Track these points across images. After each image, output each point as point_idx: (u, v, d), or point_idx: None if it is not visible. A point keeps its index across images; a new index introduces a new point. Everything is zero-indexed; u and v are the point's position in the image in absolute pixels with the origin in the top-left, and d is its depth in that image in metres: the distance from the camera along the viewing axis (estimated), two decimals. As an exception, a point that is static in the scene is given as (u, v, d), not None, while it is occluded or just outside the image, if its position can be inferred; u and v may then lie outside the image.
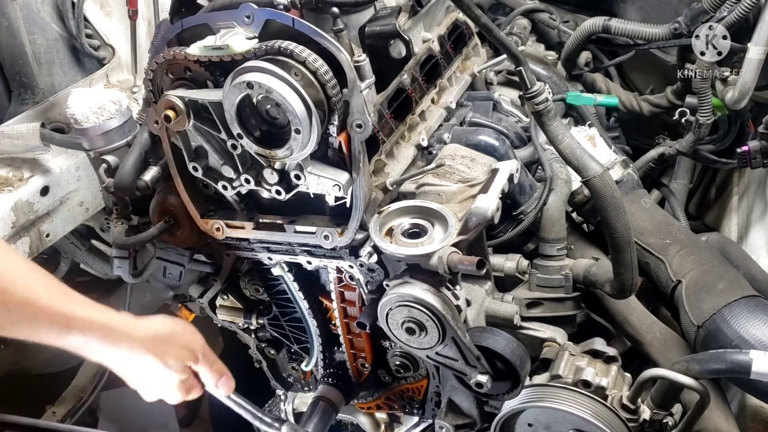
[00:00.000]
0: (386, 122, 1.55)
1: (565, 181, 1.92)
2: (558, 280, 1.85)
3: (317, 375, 1.91)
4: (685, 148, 2.20)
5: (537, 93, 1.49)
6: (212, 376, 1.52)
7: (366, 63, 1.33)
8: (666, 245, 1.89)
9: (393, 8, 1.58)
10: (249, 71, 1.31)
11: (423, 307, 1.36)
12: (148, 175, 1.60)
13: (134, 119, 1.75)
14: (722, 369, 1.46)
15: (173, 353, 1.42)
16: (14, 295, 1.21)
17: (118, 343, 1.35)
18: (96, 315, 1.33)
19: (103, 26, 2.25)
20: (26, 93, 1.97)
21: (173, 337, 1.44)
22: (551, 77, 2.31)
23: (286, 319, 1.85)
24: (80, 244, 2.40)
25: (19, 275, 1.25)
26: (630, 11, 2.52)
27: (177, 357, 1.43)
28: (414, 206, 1.44)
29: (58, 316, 1.27)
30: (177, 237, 1.71)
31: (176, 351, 1.43)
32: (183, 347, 1.45)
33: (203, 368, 1.50)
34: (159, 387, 1.45)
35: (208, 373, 1.51)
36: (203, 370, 1.50)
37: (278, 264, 1.67)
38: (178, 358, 1.43)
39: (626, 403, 1.55)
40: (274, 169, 1.45)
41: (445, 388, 1.66)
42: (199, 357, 1.48)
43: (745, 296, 1.67)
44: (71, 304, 1.30)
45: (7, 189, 1.83)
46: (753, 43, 1.92)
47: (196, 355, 1.47)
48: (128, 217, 1.77)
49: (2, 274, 1.21)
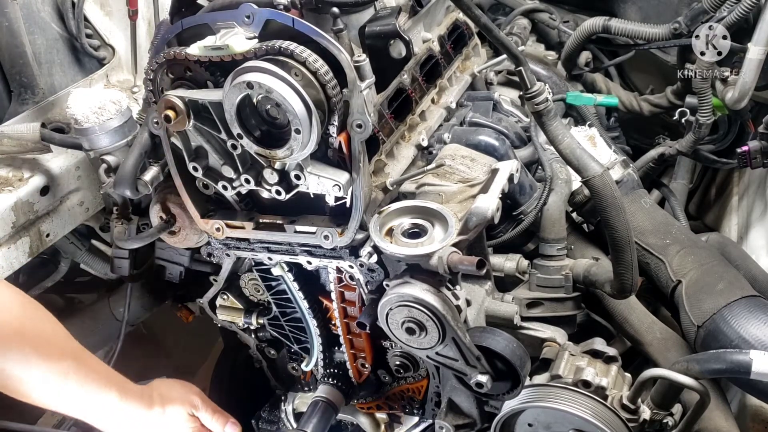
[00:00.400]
0: (386, 122, 1.55)
1: (565, 181, 1.92)
2: (558, 280, 1.85)
3: (317, 375, 1.91)
4: (685, 148, 2.20)
5: (537, 93, 1.49)
6: (217, 421, 1.68)
7: (366, 63, 1.33)
8: (666, 245, 1.89)
9: (393, 8, 1.58)
10: (249, 71, 1.31)
11: (423, 307, 1.36)
12: (148, 175, 1.60)
13: (134, 119, 1.75)
14: (722, 369, 1.46)
15: (174, 403, 1.60)
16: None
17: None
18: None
19: (103, 26, 2.25)
20: (26, 93, 1.97)
21: (170, 390, 1.62)
22: (551, 77, 2.31)
23: (286, 319, 1.85)
24: (80, 244, 2.40)
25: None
26: (630, 11, 2.52)
27: (179, 407, 1.60)
28: (414, 206, 1.44)
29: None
30: (177, 237, 1.71)
31: (176, 401, 1.61)
32: (182, 398, 1.62)
33: (205, 414, 1.66)
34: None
35: (211, 418, 1.67)
36: (206, 416, 1.66)
37: (278, 264, 1.67)
38: (180, 408, 1.61)
39: (626, 403, 1.55)
40: (274, 169, 1.44)
41: (445, 388, 1.66)
42: (200, 405, 1.64)
43: (745, 296, 1.67)
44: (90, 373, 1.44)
45: (7, 189, 1.83)
46: (753, 43, 1.93)
47: (196, 403, 1.64)
48: (128, 217, 1.77)
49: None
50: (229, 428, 1.70)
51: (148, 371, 2.88)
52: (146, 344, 3.06)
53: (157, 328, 3.07)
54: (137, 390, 1.56)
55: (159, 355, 3.12)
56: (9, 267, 1.85)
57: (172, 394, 1.64)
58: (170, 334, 3.07)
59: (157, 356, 3.09)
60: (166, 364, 3.03)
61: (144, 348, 3.03)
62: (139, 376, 2.79)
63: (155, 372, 2.89)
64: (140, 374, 2.79)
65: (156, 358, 3.08)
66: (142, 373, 2.81)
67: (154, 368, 2.94)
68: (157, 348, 3.13)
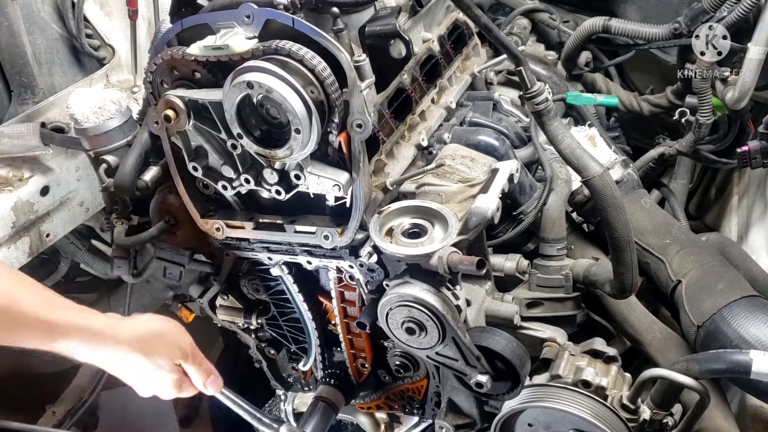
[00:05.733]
0: (386, 122, 1.55)
1: (565, 181, 1.92)
2: (558, 280, 1.85)
3: (317, 375, 1.91)
4: (685, 148, 2.20)
5: (537, 93, 1.49)
6: (200, 375, 1.53)
7: (366, 63, 1.33)
8: (666, 245, 1.89)
9: (393, 8, 1.58)
10: (249, 71, 1.31)
11: (423, 307, 1.36)
12: (148, 175, 1.60)
13: (134, 119, 1.75)
14: (722, 369, 1.46)
15: (161, 351, 1.45)
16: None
17: (103, 346, 1.38)
18: (79, 319, 1.36)
19: (103, 26, 2.25)
20: (26, 93, 1.97)
21: (160, 335, 1.46)
22: (551, 77, 2.31)
23: (285, 320, 1.85)
24: (80, 244, 2.40)
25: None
26: (630, 11, 2.52)
27: (165, 355, 1.45)
28: (414, 206, 1.44)
29: (40, 322, 1.30)
30: (177, 237, 1.71)
31: (164, 349, 1.45)
32: (171, 345, 1.47)
33: (191, 367, 1.52)
34: (150, 384, 1.47)
35: (196, 372, 1.53)
36: (191, 369, 1.52)
37: (277, 264, 1.67)
38: (165, 355, 1.45)
39: (626, 403, 1.55)
40: (274, 169, 1.44)
41: (445, 388, 1.66)
42: (188, 355, 1.50)
43: (745, 296, 1.67)
44: (53, 309, 1.33)
45: (7, 189, 1.83)
46: (753, 43, 1.93)
47: (185, 352, 1.49)
48: (128, 217, 1.77)
49: None
50: (210, 383, 1.57)
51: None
52: (146, 344, 3.05)
53: (157, 328, 3.06)
54: (113, 332, 1.41)
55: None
56: (9, 267, 1.85)
57: (164, 339, 1.49)
58: (170, 334, 3.06)
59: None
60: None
61: (144, 348, 3.02)
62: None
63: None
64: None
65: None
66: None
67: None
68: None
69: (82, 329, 1.35)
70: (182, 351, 1.48)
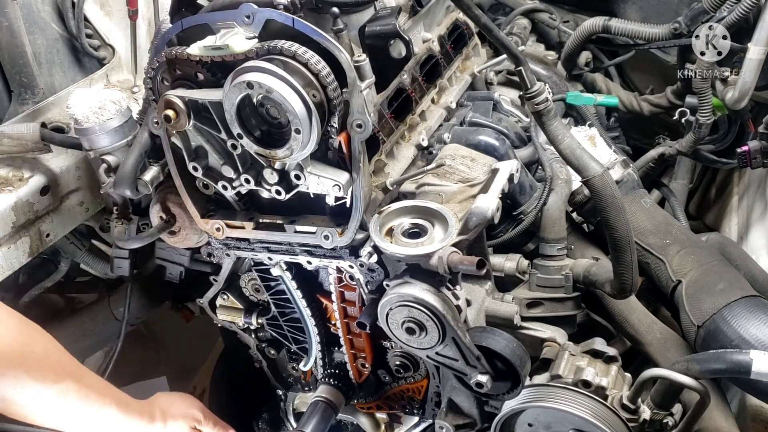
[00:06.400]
0: (386, 122, 1.55)
1: (565, 181, 1.92)
2: (558, 280, 1.85)
3: (317, 375, 1.91)
4: (685, 148, 2.20)
5: (537, 93, 1.49)
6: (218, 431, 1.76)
7: (366, 63, 1.33)
8: (666, 245, 1.89)
9: (393, 8, 1.58)
10: (249, 71, 1.31)
11: (423, 307, 1.36)
12: (148, 175, 1.60)
13: (134, 119, 1.75)
14: (722, 369, 1.46)
15: (178, 418, 1.66)
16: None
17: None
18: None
19: (103, 26, 2.24)
20: (26, 93, 1.97)
21: (172, 407, 1.67)
22: (551, 77, 2.31)
23: (285, 320, 1.85)
24: (80, 244, 2.39)
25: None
26: (630, 11, 2.52)
27: (181, 420, 1.66)
28: (414, 206, 1.44)
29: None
30: (177, 237, 1.71)
31: (180, 415, 1.66)
32: (184, 412, 1.68)
33: (207, 428, 1.72)
34: None
35: (212, 430, 1.74)
36: (207, 430, 1.73)
37: (277, 264, 1.67)
38: (183, 421, 1.67)
39: (626, 403, 1.55)
40: (274, 169, 1.44)
41: (445, 388, 1.66)
42: (201, 419, 1.71)
43: (745, 296, 1.67)
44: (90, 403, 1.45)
45: (7, 189, 1.83)
46: (753, 43, 1.93)
47: (198, 417, 1.70)
48: (128, 217, 1.77)
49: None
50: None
51: (148, 371, 2.89)
52: (146, 344, 3.06)
53: (157, 328, 3.07)
54: (138, 405, 1.57)
55: (159, 355, 3.12)
56: (9, 267, 1.85)
57: (174, 408, 1.67)
58: (170, 334, 3.06)
59: (157, 356, 3.09)
60: (166, 364, 3.03)
61: (144, 348, 3.03)
62: (139, 375, 2.79)
63: (155, 372, 2.90)
64: (140, 374, 2.80)
65: (156, 358, 3.08)
66: (141, 373, 2.82)
67: (154, 368, 2.94)
68: (157, 348, 3.13)
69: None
70: (194, 416, 1.70)
